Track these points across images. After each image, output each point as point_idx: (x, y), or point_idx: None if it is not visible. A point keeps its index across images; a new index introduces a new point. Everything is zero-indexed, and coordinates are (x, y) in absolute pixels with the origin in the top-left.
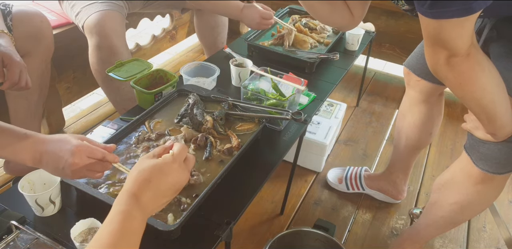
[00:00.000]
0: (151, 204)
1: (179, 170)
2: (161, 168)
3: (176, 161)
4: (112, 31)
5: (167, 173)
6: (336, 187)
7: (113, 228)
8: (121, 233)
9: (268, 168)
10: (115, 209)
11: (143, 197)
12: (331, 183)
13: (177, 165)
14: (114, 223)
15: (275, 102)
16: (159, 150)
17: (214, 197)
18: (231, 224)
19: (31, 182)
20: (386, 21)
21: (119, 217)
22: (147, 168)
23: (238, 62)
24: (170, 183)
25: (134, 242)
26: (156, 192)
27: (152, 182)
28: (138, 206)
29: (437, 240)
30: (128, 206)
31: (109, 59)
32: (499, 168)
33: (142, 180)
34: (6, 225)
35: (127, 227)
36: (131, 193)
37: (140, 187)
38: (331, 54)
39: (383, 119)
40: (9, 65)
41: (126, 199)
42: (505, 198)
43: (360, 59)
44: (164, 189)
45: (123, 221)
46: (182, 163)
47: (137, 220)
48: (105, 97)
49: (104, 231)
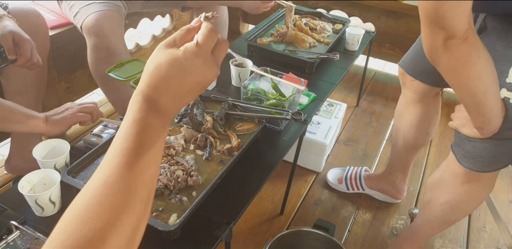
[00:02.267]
0: (171, 106)
1: (205, 66)
2: (182, 65)
3: (201, 54)
4: (110, 32)
5: (190, 70)
6: (336, 187)
7: (127, 145)
8: (138, 149)
9: (268, 168)
10: (129, 118)
11: (161, 100)
12: (331, 183)
13: (201, 60)
14: (127, 136)
15: (275, 102)
16: (181, 35)
17: (214, 197)
18: (231, 224)
19: (31, 182)
20: (386, 21)
21: (133, 127)
22: (164, 63)
23: (238, 62)
24: (194, 81)
25: (154, 160)
26: (177, 93)
27: (171, 81)
28: (156, 111)
29: (437, 240)
30: (144, 112)
31: (108, 59)
32: (484, 166)
33: (159, 79)
34: (6, 225)
35: (145, 140)
36: (146, 95)
37: (157, 87)
38: (331, 54)
39: (383, 119)
40: (21, 43)
41: (141, 103)
42: (505, 198)
43: (360, 59)
44: (187, 89)
45: (140, 133)
46: (208, 56)
47: (156, 129)
48: (105, 97)
49: (116, 150)
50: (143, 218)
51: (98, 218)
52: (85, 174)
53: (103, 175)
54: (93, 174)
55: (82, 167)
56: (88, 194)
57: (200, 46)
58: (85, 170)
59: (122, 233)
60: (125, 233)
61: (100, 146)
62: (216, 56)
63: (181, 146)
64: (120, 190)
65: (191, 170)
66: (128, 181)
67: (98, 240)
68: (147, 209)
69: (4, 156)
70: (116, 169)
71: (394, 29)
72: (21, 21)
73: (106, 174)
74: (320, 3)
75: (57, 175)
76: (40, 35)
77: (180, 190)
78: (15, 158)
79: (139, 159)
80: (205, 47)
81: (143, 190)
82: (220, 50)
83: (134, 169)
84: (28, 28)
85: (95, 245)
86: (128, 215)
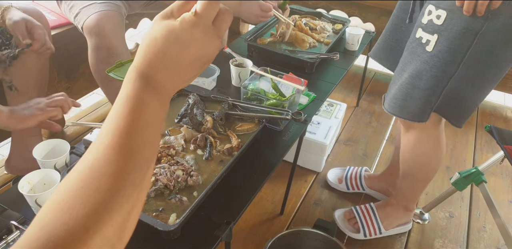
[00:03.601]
0: (168, 83)
1: (205, 37)
2: (179, 36)
3: (200, 25)
4: (111, 32)
5: (187, 42)
6: (336, 187)
7: (118, 124)
8: (130, 128)
9: (268, 168)
10: (120, 96)
11: (157, 76)
12: (331, 183)
13: (200, 31)
14: (119, 115)
15: (275, 102)
16: (179, 6)
17: (214, 197)
18: (231, 224)
19: (31, 182)
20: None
21: (126, 106)
22: (160, 36)
23: (238, 62)
24: (193, 55)
25: (150, 141)
26: (174, 69)
27: (167, 55)
28: (152, 88)
29: (437, 240)
30: (137, 90)
31: (108, 59)
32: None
33: (154, 53)
34: (6, 225)
35: (138, 119)
36: (140, 72)
37: (152, 62)
38: (331, 54)
39: (383, 119)
40: (34, 29)
41: (135, 80)
42: (505, 198)
43: (360, 59)
44: (185, 64)
45: (132, 112)
46: (208, 27)
47: (152, 107)
48: (105, 97)
49: (106, 130)
50: (136, 205)
51: (80, 204)
52: None
53: (91, 157)
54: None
55: None
56: (72, 179)
57: (199, 16)
58: None
59: (109, 221)
60: (113, 221)
61: None
62: (217, 27)
63: (181, 146)
64: (108, 174)
65: (191, 170)
66: (118, 163)
67: (79, 228)
68: (140, 194)
69: (4, 156)
70: (105, 151)
71: None
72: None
73: (94, 156)
74: (320, 3)
75: (57, 175)
76: None
77: (180, 190)
78: (15, 158)
79: (131, 140)
80: (205, 16)
81: (136, 173)
82: (222, 20)
83: (124, 150)
84: None
85: (76, 235)
86: (117, 200)
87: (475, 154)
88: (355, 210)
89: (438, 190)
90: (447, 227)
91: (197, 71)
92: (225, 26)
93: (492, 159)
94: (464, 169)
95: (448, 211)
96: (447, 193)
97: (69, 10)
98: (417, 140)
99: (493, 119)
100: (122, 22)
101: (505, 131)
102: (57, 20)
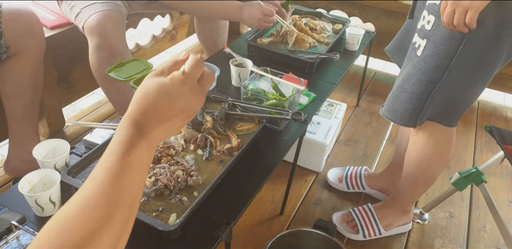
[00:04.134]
0: (157, 132)
1: (191, 92)
2: (169, 91)
3: (188, 82)
4: (113, 32)
5: (176, 96)
6: (336, 187)
7: (111, 164)
8: (121, 169)
9: (268, 168)
10: (114, 139)
11: (148, 125)
12: (331, 183)
13: (188, 87)
14: (112, 156)
15: (275, 102)
16: (169, 66)
17: (214, 197)
18: (231, 224)
19: (31, 182)
20: (386, 21)
21: (119, 149)
22: (152, 90)
23: (238, 62)
24: (180, 108)
25: (136, 180)
26: (163, 119)
27: (158, 107)
28: (142, 135)
29: (437, 240)
30: (129, 136)
31: (109, 59)
32: (398, 119)
33: (146, 105)
34: (6, 225)
35: (128, 162)
36: (133, 120)
37: (145, 112)
38: (331, 54)
39: (383, 119)
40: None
41: (128, 127)
42: (505, 198)
43: (360, 59)
44: (173, 115)
45: (124, 155)
46: (195, 84)
47: (141, 152)
48: (105, 97)
49: (101, 168)
50: (125, 231)
51: (77, 229)
52: (85, 174)
53: (88, 188)
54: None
55: (82, 167)
56: (70, 206)
57: (187, 74)
58: (85, 170)
59: (101, 245)
60: (105, 245)
61: (100, 146)
62: (202, 85)
63: (181, 146)
64: (101, 204)
65: (191, 170)
66: (109, 197)
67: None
68: (128, 222)
69: (4, 156)
70: (99, 186)
71: (394, 29)
72: (14, 22)
73: (90, 189)
74: (320, 3)
75: (57, 175)
76: (35, 36)
77: (180, 190)
78: (14, 160)
79: (121, 178)
80: (191, 75)
81: (125, 206)
82: (206, 80)
83: (115, 186)
84: (21, 29)
85: None
86: (108, 227)
87: (475, 154)
88: (353, 212)
89: (438, 190)
90: (447, 227)
91: (183, 122)
92: (208, 85)
93: (492, 159)
94: (464, 169)
95: (448, 211)
96: (447, 193)
97: (69, 10)
98: (425, 143)
99: (493, 119)
100: (123, 22)
101: (505, 131)
102: (57, 20)
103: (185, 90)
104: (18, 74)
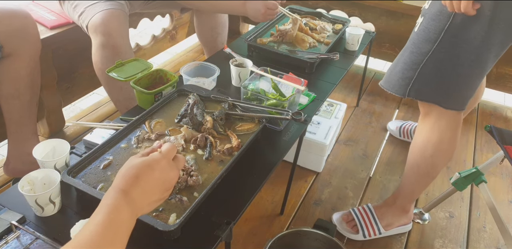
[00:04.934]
0: (140, 199)
1: (168, 167)
2: (150, 164)
3: (165, 158)
4: (117, 30)
5: (155, 168)
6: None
7: (99, 219)
8: (108, 223)
9: (268, 168)
10: (102, 203)
11: (131, 193)
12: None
13: (165, 162)
14: (99, 214)
15: (275, 102)
16: (147, 152)
17: (214, 197)
18: (231, 224)
19: (31, 182)
20: (386, 21)
21: (105, 209)
22: (135, 165)
23: (238, 62)
24: (159, 179)
25: (121, 236)
26: (145, 188)
27: (140, 177)
28: (126, 200)
29: (437, 240)
30: (115, 200)
31: (113, 57)
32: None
33: (130, 176)
34: (6, 225)
35: (113, 218)
36: (118, 189)
37: (128, 182)
38: (331, 54)
39: (383, 119)
40: None
41: (113, 194)
42: (505, 198)
43: (360, 59)
44: (153, 185)
45: (109, 213)
46: (171, 161)
47: (125, 213)
48: (105, 97)
49: (90, 222)
50: None
51: None
52: (85, 174)
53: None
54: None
55: (82, 167)
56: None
57: (164, 153)
58: (85, 170)
59: None
60: None
61: (100, 146)
62: (176, 162)
63: (181, 146)
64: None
65: (191, 170)
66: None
67: None
68: None
69: (4, 156)
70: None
71: (394, 29)
72: (8, 23)
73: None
74: (320, 3)
75: (57, 175)
76: (29, 37)
77: (180, 190)
78: (14, 161)
79: (109, 230)
80: (167, 154)
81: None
82: (178, 160)
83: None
84: (15, 30)
85: None
86: None
87: (475, 154)
88: (353, 212)
89: (438, 190)
90: (447, 227)
91: (161, 195)
92: (181, 164)
93: (492, 159)
94: (464, 169)
95: (448, 211)
96: (447, 193)
97: (72, 10)
98: (430, 130)
99: (493, 119)
100: (126, 20)
101: (505, 131)
102: (57, 20)
103: (163, 164)
104: (14, 75)
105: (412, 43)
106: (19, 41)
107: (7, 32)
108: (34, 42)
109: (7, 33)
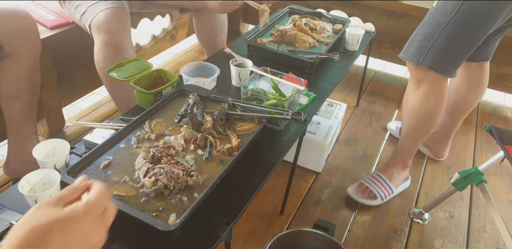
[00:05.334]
0: None
1: (92, 228)
2: (67, 227)
3: (91, 213)
4: (120, 28)
5: (75, 233)
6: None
7: None
8: None
9: (268, 168)
10: None
11: None
12: (392, 131)
13: (90, 221)
14: None
15: (275, 102)
16: (68, 193)
17: (214, 197)
18: (231, 224)
19: (31, 182)
20: (386, 21)
21: None
22: (45, 224)
23: (238, 62)
24: (80, 245)
25: None
26: None
27: (50, 243)
28: None
29: (437, 240)
30: None
31: (116, 56)
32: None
33: (35, 241)
34: (6, 225)
35: None
36: None
37: (31, 243)
38: (331, 54)
39: (383, 119)
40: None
41: None
42: (505, 198)
43: (360, 59)
44: None
45: None
46: (98, 218)
47: None
48: (105, 97)
49: None
50: None
51: None
52: (85, 174)
53: None
54: None
55: (82, 167)
56: None
57: (91, 205)
58: (85, 170)
59: None
60: None
61: (100, 146)
62: (105, 218)
63: (181, 146)
64: None
65: (191, 170)
66: None
67: None
68: None
69: (4, 156)
70: None
71: (394, 29)
72: (8, 23)
73: None
74: (320, 3)
75: (57, 175)
76: (30, 37)
77: (180, 190)
78: (13, 161)
79: None
80: (97, 207)
81: None
82: (109, 213)
83: None
84: (15, 30)
85: None
86: None
87: (475, 154)
88: (364, 182)
89: (438, 190)
90: (447, 227)
91: None
92: (110, 219)
93: (492, 159)
94: (464, 169)
95: (448, 211)
96: (447, 193)
97: (74, 9)
98: (426, 94)
99: (493, 119)
100: (128, 19)
101: (505, 131)
102: (57, 20)
103: (87, 226)
104: (14, 75)
105: (431, 17)
106: (19, 41)
107: (7, 32)
108: (34, 42)
109: (7, 33)
